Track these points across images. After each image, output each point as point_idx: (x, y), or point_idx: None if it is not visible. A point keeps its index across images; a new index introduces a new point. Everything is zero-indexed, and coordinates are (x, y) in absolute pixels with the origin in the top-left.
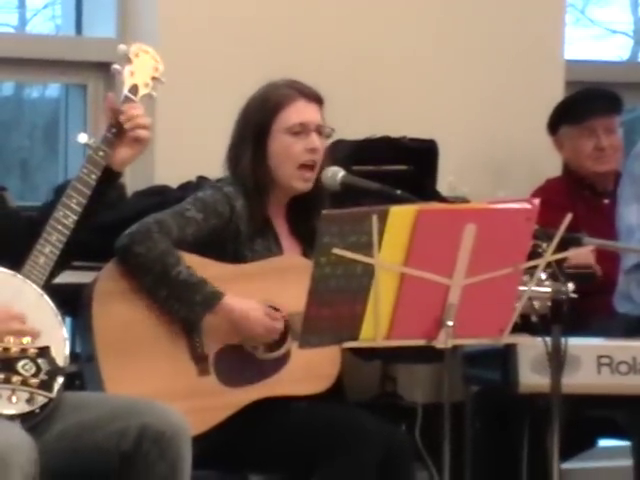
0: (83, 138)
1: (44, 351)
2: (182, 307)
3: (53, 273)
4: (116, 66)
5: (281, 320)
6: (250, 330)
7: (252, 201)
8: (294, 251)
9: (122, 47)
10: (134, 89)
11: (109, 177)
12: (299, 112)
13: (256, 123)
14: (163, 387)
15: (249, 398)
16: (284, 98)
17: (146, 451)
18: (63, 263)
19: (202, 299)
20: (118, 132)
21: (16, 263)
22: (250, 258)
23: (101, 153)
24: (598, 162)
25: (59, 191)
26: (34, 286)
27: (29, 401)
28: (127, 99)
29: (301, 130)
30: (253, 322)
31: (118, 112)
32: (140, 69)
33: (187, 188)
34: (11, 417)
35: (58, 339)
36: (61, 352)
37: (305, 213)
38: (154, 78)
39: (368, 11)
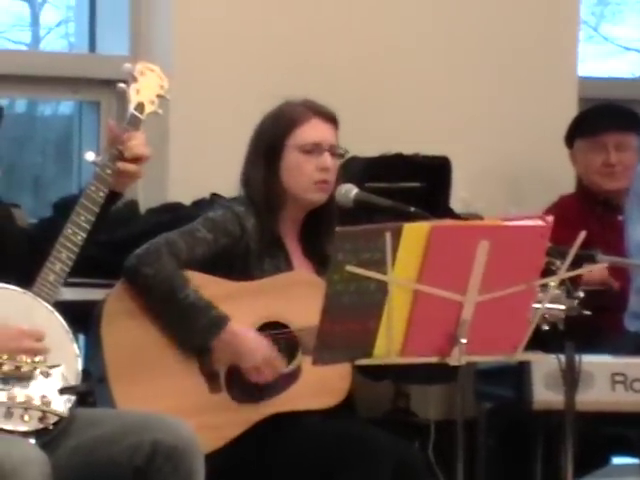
0: (90, 156)
1: (56, 369)
2: (186, 331)
3: None
4: (122, 85)
5: (282, 361)
6: (250, 359)
7: (263, 219)
8: (305, 269)
9: (127, 66)
10: (140, 107)
11: (111, 197)
12: (313, 131)
13: (269, 139)
14: (175, 405)
15: (261, 414)
16: (299, 115)
17: (159, 466)
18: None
19: (206, 326)
20: (118, 157)
21: (23, 280)
22: (259, 277)
23: (108, 171)
24: (607, 178)
25: (59, 206)
26: (45, 303)
27: (42, 419)
28: (133, 118)
29: (314, 149)
30: (252, 355)
31: (118, 141)
32: (146, 87)
33: (200, 205)
34: (25, 434)
35: (70, 356)
36: (73, 369)
37: (317, 231)
38: (159, 96)
39: (381, 29)
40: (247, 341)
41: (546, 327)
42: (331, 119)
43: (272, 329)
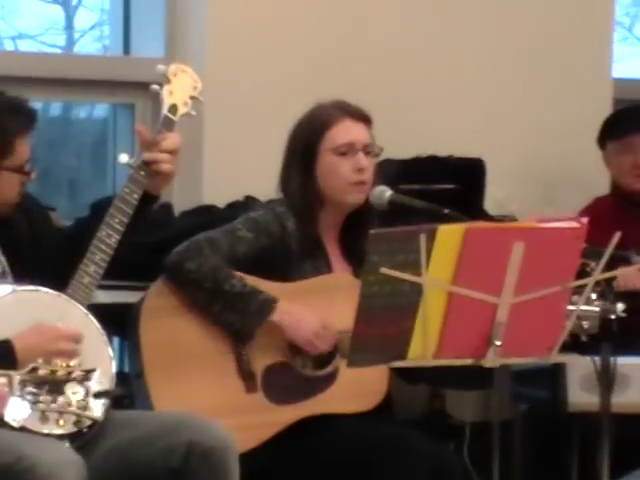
0: (124, 158)
1: (90, 374)
2: (237, 319)
3: None
4: (155, 86)
5: (334, 334)
6: (301, 334)
7: (303, 222)
8: (345, 272)
9: (161, 67)
10: (173, 108)
11: (146, 200)
12: (346, 132)
13: (304, 144)
14: (211, 404)
15: (297, 415)
16: (331, 118)
17: (195, 467)
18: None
19: (257, 307)
20: (149, 171)
21: (58, 282)
22: (299, 279)
23: (142, 172)
24: (637, 180)
25: (95, 207)
26: (79, 306)
27: (76, 423)
28: (166, 120)
29: (348, 150)
30: (306, 326)
31: (150, 145)
32: (179, 88)
33: (235, 208)
34: (60, 437)
35: (104, 358)
36: (108, 371)
37: (357, 233)
38: (192, 97)
39: (416, 30)
40: (300, 314)
41: (584, 338)
42: (363, 118)
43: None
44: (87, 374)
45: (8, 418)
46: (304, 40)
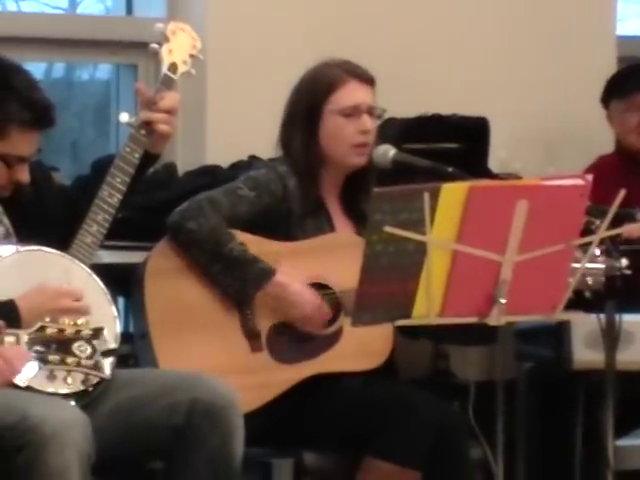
0: (125, 117)
1: (98, 332)
2: (234, 283)
3: None
4: (154, 45)
5: (328, 314)
6: (299, 309)
7: (305, 181)
8: (347, 230)
9: (159, 26)
10: (173, 67)
11: (147, 160)
12: (351, 94)
13: (307, 104)
14: (216, 363)
15: (302, 374)
16: (336, 79)
17: (198, 424)
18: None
19: (254, 276)
20: (148, 130)
21: (61, 242)
22: (301, 238)
23: (143, 132)
24: None
25: (96, 165)
26: (82, 265)
27: (84, 382)
28: (165, 78)
29: (353, 112)
30: (299, 306)
31: (150, 102)
32: (178, 47)
33: (238, 168)
34: (65, 396)
35: (108, 317)
36: (112, 330)
37: (357, 192)
38: (192, 56)
39: None
40: (295, 290)
41: (588, 294)
42: (368, 80)
43: (314, 290)
44: (96, 332)
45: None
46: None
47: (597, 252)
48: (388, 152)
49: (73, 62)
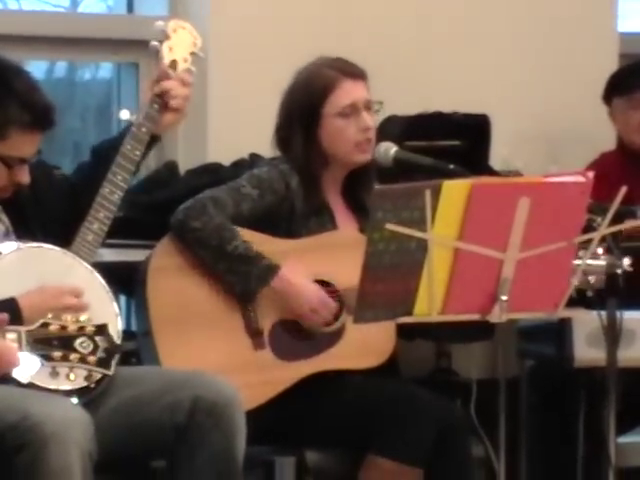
0: (125, 115)
1: (101, 329)
2: (239, 281)
3: None
4: (154, 43)
5: (332, 308)
6: (305, 302)
7: (307, 181)
8: (350, 227)
9: (159, 23)
10: (173, 64)
11: (150, 140)
12: (347, 93)
13: (304, 107)
14: (218, 361)
15: (304, 372)
16: (330, 81)
17: (200, 422)
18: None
19: (259, 273)
20: (161, 103)
21: (61, 239)
22: (304, 235)
23: (144, 129)
24: None
25: (96, 152)
26: (84, 263)
27: (87, 378)
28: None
29: (351, 111)
30: (304, 300)
31: (164, 76)
32: (178, 45)
33: (240, 166)
34: (68, 393)
35: (110, 315)
36: (114, 328)
37: (359, 187)
38: (192, 53)
39: None
40: (300, 286)
41: (591, 294)
42: (360, 75)
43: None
44: (99, 329)
45: (16, 374)
46: None
47: (599, 250)
48: (389, 150)
49: (74, 61)
